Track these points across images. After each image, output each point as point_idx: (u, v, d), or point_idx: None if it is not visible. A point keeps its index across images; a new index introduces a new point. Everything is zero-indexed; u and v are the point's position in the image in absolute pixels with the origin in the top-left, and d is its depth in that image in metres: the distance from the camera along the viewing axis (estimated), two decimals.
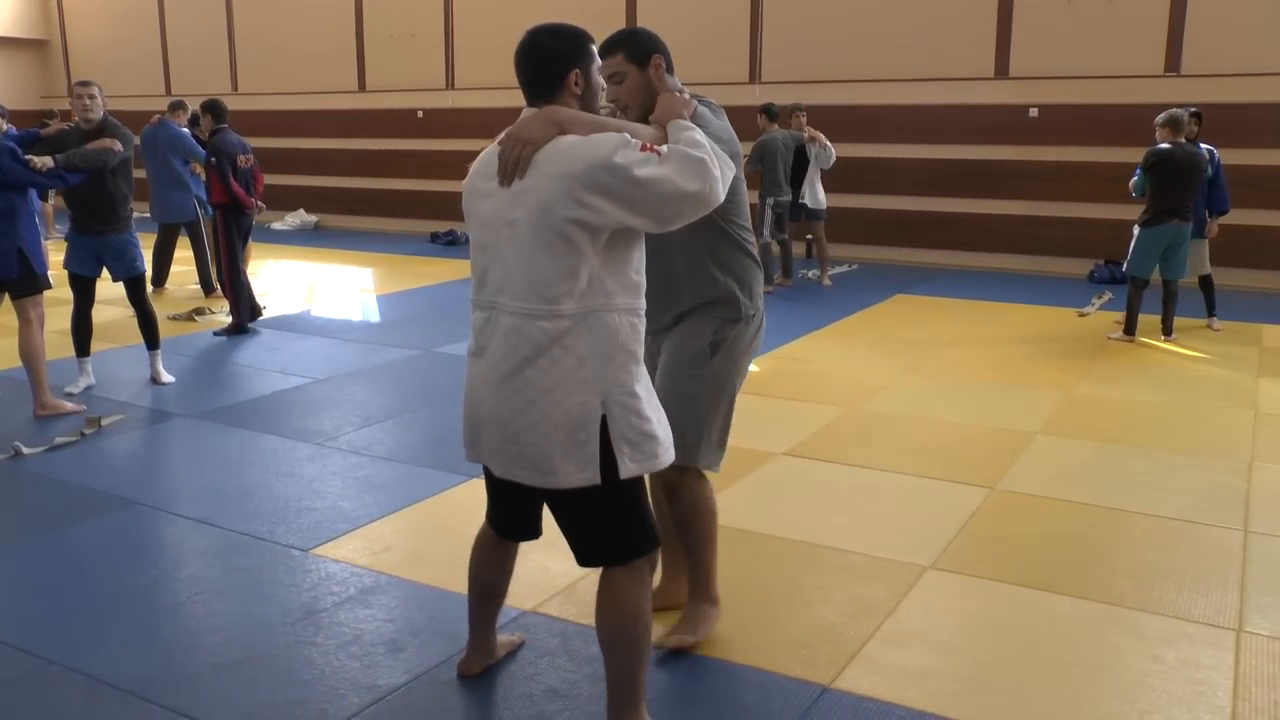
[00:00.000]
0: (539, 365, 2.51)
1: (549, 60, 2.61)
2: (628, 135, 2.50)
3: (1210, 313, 8.24)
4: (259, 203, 8.35)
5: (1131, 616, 3.53)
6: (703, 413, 3.15)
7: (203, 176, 9.61)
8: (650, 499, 2.72)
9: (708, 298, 3.16)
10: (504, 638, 3.26)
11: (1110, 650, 3.31)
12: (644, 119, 2.94)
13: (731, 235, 3.16)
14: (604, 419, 2.52)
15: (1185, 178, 7.56)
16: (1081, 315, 8.86)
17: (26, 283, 5.71)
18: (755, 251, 3.24)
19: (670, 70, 3.06)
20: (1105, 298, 9.48)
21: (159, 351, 6.55)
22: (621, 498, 2.60)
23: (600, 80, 2.71)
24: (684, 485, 3.21)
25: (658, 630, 3.01)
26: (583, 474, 2.54)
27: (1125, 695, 3.05)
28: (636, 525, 2.65)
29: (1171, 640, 3.37)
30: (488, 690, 3.07)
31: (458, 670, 3.14)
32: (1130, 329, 7.81)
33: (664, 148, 2.51)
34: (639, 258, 2.62)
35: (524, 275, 2.51)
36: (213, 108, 8.27)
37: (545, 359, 2.50)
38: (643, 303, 2.62)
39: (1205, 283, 8.25)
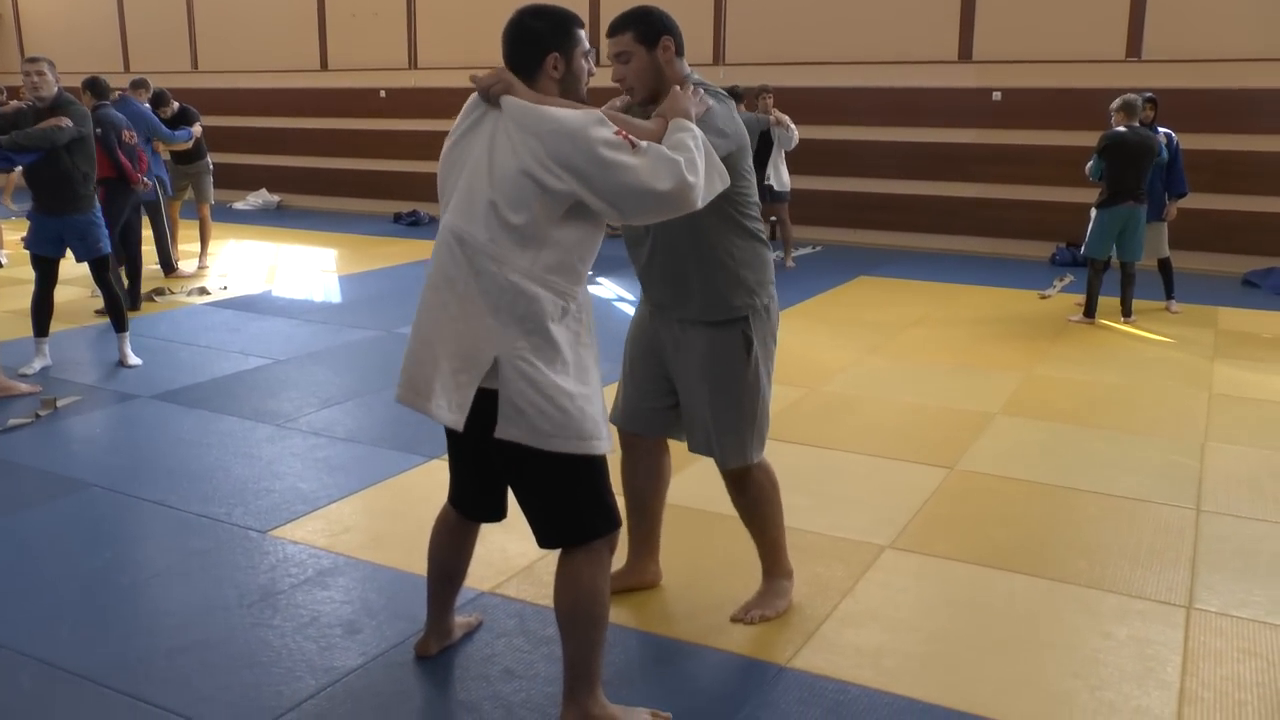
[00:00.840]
0: (455, 290, 2.53)
1: (528, 41, 2.61)
2: (603, 115, 2.49)
3: (1169, 295, 8.34)
4: (145, 178, 8.25)
5: (1085, 594, 3.58)
6: (752, 413, 3.18)
7: (165, 155, 9.51)
8: (609, 480, 2.71)
9: (719, 285, 3.09)
10: (461, 619, 3.26)
11: (1064, 627, 3.36)
12: (650, 102, 2.93)
13: (740, 222, 3.09)
14: (492, 373, 2.50)
15: (1138, 160, 7.66)
16: (1043, 297, 8.93)
17: None
18: (765, 236, 3.21)
19: (680, 53, 3.02)
20: (1066, 280, 9.56)
21: (127, 334, 6.45)
22: (578, 478, 2.60)
23: (585, 65, 2.68)
24: (747, 477, 3.26)
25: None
26: (449, 415, 2.55)
27: (1077, 671, 3.09)
28: (593, 506, 2.65)
29: (1124, 617, 3.42)
30: (444, 671, 3.07)
31: (415, 651, 3.14)
32: (1090, 311, 7.89)
33: (643, 142, 2.50)
34: (591, 247, 2.60)
35: (469, 200, 2.53)
36: (92, 85, 8.15)
37: (464, 286, 2.52)
38: (581, 291, 2.60)
39: (1164, 266, 8.34)
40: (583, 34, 2.68)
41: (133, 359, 6.43)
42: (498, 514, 2.91)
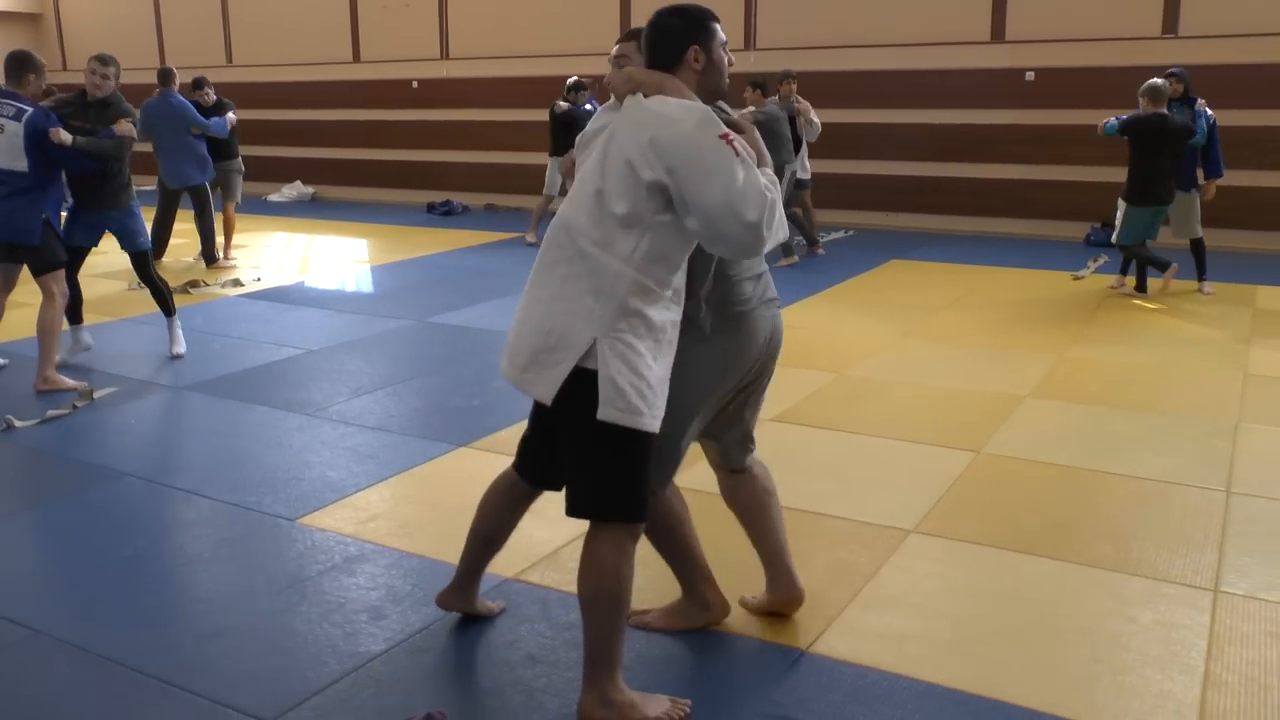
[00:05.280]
0: (559, 272, 2.63)
1: (669, 38, 2.72)
2: (711, 112, 2.56)
3: (1201, 276, 8.22)
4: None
5: (1110, 578, 3.55)
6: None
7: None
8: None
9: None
10: (487, 602, 3.30)
11: (1088, 612, 3.34)
12: None
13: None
14: (592, 353, 2.57)
15: (1161, 150, 7.66)
16: (1077, 279, 8.84)
17: (49, 255, 5.77)
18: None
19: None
20: (1101, 261, 9.46)
21: (175, 318, 6.54)
22: (641, 457, 2.66)
23: (724, 56, 2.77)
24: (741, 481, 3.25)
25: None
26: (541, 389, 2.64)
27: (1100, 656, 3.07)
28: (639, 488, 2.69)
29: (1149, 601, 3.39)
30: (467, 656, 3.11)
31: (436, 600, 3.23)
32: (1142, 284, 8.09)
33: (748, 157, 2.52)
34: (690, 239, 2.63)
35: (580, 191, 2.66)
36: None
37: (566, 269, 2.62)
38: (679, 278, 2.67)
39: (1196, 246, 8.22)
40: (719, 28, 2.76)
41: (178, 347, 6.48)
42: (555, 482, 2.96)
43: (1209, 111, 8.08)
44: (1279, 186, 10.13)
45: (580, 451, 2.69)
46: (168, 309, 6.51)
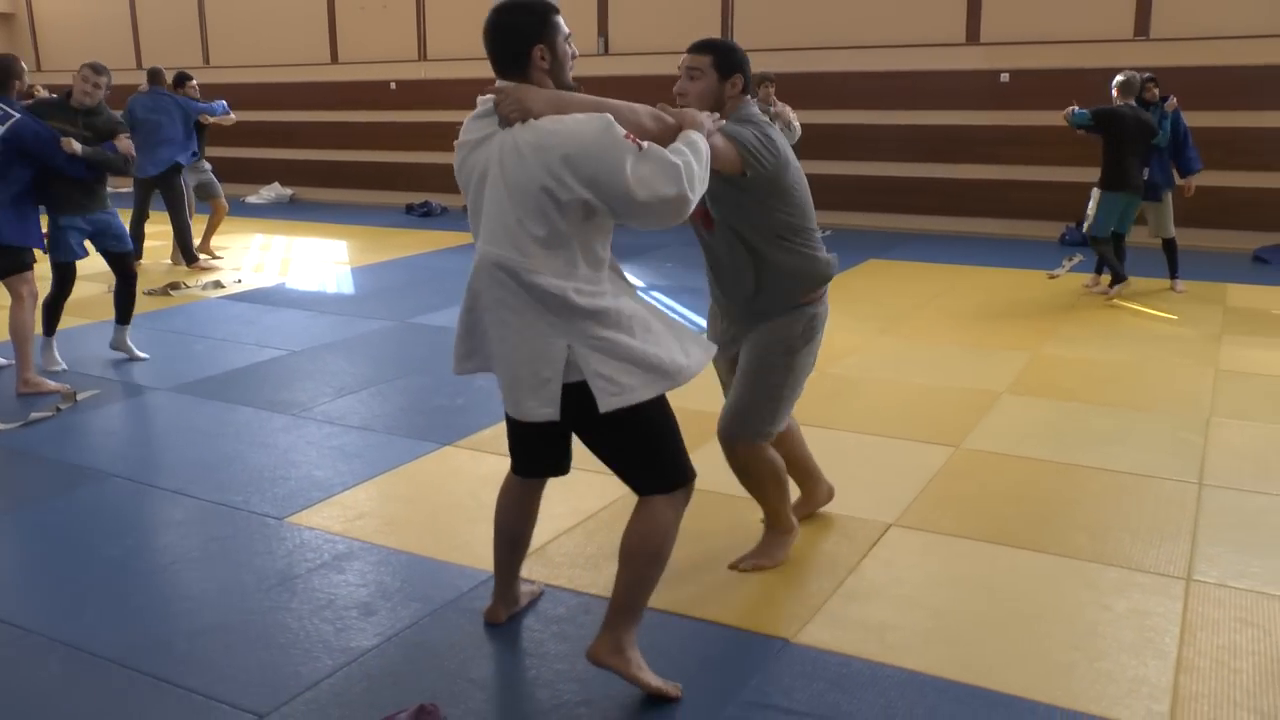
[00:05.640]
0: (509, 310, 2.68)
1: (511, 38, 2.68)
2: (611, 118, 2.57)
3: (1173, 275, 8.35)
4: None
5: (1086, 568, 3.63)
6: (756, 399, 3.48)
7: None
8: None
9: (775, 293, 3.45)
10: (526, 587, 3.39)
11: (1064, 601, 3.42)
12: None
13: (795, 248, 3.39)
14: (571, 361, 2.65)
15: (1134, 141, 7.81)
16: (1052, 277, 8.95)
17: (15, 258, 5.73)
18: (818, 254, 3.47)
19: (747, 92, 3.29)
20: (1076, 260, 9.57)
21: (127, 328, 6.48)
22: (645, 427, 2.75)
23: (568, 50, 2.76)
24: (734, 452, 3.53)
25: None
26: (544, 411, 2.70)
27: (1077, 644, 3.15)
28: (668, 454, 2.81)
29: (1124, 590, 3.47)
30: (456, 651, 3.15)
31: (485, 618, 3.28)
32: (1117, 279, 8.10)
33: (645, 143, 2.58)
34: (608, 231, 2.73)
35: (498, 225, 2.66)
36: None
37: (514, 302, 2.67)
38: (605, 263, 2.74)
39: (1169, 246, 8.34)
40: (562, 20, 2.75)
41: (138, 352, 6.47)
42: (558, 468, 3.06)
43: (1179, 112, 8.22)
44: (1248, 187, 10.29)
45: (609, 448, 2.80)
46: (124, 315, 6.42)
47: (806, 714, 2.81)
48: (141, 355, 6.49)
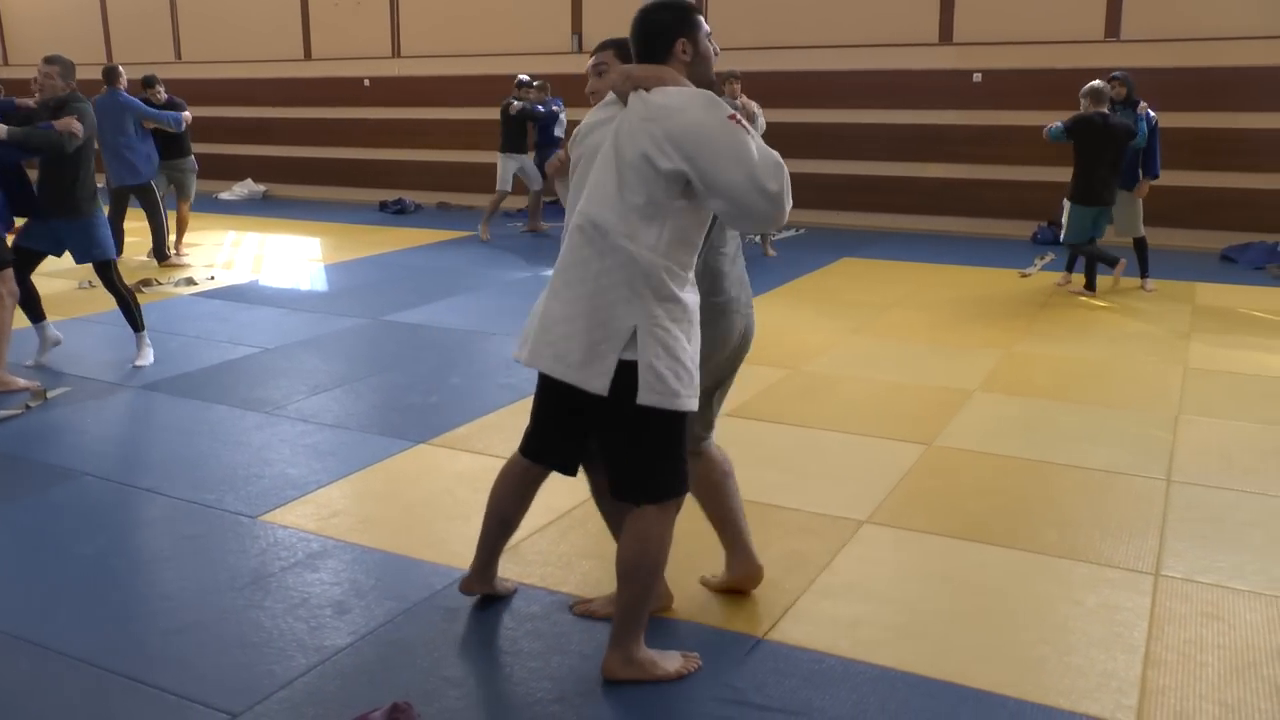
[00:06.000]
0: (592, 268, 2.72)
1: (657, 32, 2.81)
2: (714, 95, 2.68)
3: (1144, 274, 8.44)
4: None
5: (1056, 564, 3.67)
6: None
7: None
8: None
9: None
10: (504, 583, 3.41)
11: (1035, 596, 3.45)
12: None
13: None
14: (632, 343, 2.69)
15: (1105, 150, 7.88)
16: (1024, 276, 9.03)
17: None
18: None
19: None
20: (1047, 259, 9.66)
21: (143, 334, 6.31)
22: (668, 433, 2.79)
23: (710, 47, 2.87)
24: (700, 464, 3.29)
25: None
26: (596, 381, 2.72)
27: (1047, 639, 3.19)
28: (676, 464, 2.84)
29: (1093, 585, 3.52)
30: (431, 648, 3.15)
31: (459, 588, 3.33)
32: (1091, 283, 8.24)
33: (756, 134, 2.64)
34: (704, 220, 2.78)
35: (599, 188, 2.75)
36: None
37: (599, 264, 2.71)
38: (698, 260, 2.81)
39: (1139, 245, 8.44)
40: (703, 19, 2.87)
41: (143, 358, 6.23)
42: (569, 465, 3.08)
43: (1151, 113, 8.31)
44: (1217, 186, 10.41)
45: (625, 436, 2.82)
46: (134, 323, 6.25)
47: (779, 710, 2.83)
48: (142, 362, 6.23)
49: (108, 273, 6.15)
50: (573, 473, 3.12)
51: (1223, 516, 4.07)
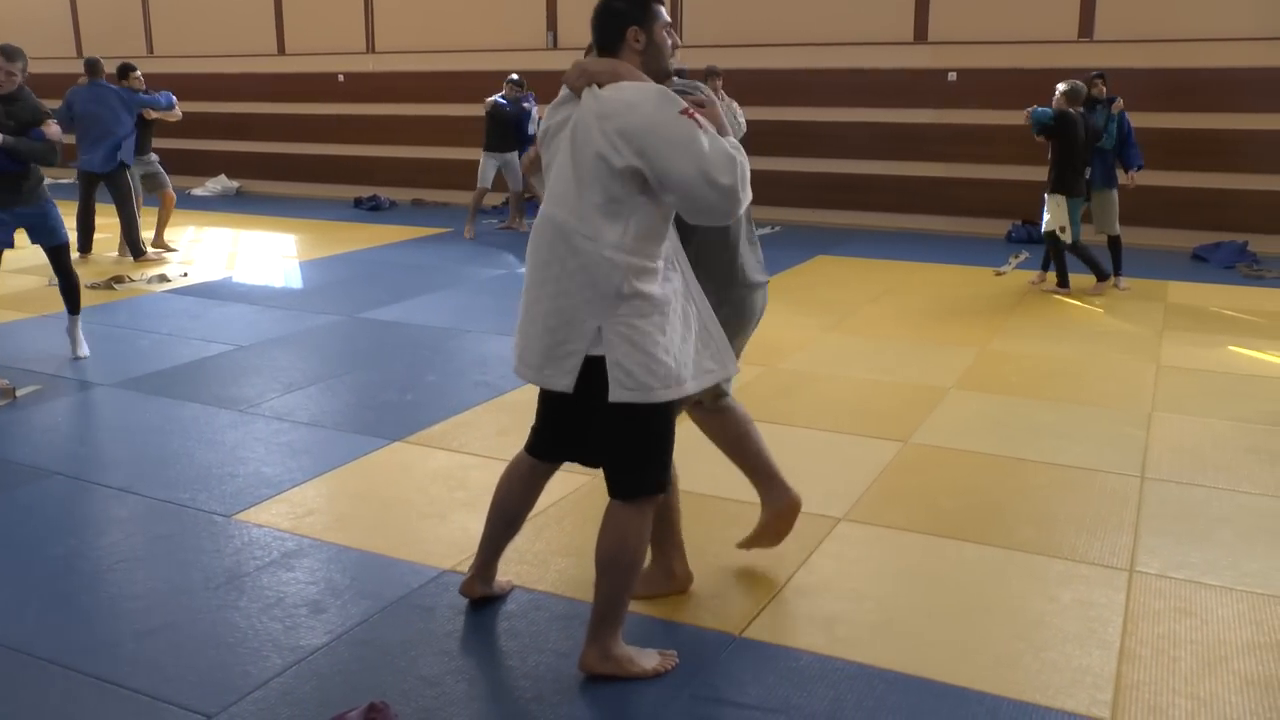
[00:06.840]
0: (553, 270, 2.73)
1: (610, 17, 2.80)
2: (668, 90, 2.66)
3: (1117, 272, 8.49)
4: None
5: (1032, 560, 3.69)
6: None
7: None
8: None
9: None
10: (502, 582, 3.40)
11: (1011, 593, 3.47)
12: None
13: None
14: (598, 340, 2.69)
15: (1085, 148, 8.01)
16: (998, 274, 9.07)
17: None
18: None
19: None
20: (1022, 257, 9.71)
21: (78, 317, 6.33)
22: (645, 428, 2.79)
23: (666, 38, 2.83)
24: (723, 419, 3.46)
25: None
26: (561, 381, 2.75)
27: (1023, 635, 3.20)
28: (656, 460, 2.85)
29: (1068, 582, 3.54)
30: (407, 647, 3.13)
31: (460, 590, 3.32)
32: (1064, 280, 8.27)
33: (711, 126, 2.62)
34: (669, 212, 2.76)
35: (560, 188, 2.75)
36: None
37: (560, 266, 2.72)
38: (666, 247, 2.77)
39: (1114, 243, 8.50)
40: (662, 9, 2.83)
41: (82, 349, 6.28)
42: (575, 454, 3.05)
43: (1123, 111, 8.40)
44: (1189, 186, 10.49)
45: (605, 433, 2.82)
46: (74, 305, 6.28)
47: (757, 708, 2.83)
48: (83, 354, 6.30)
49: (65, 254, 6.20)
50: (577, 458, 3.06)
51: (1195, 513, 4.10)
